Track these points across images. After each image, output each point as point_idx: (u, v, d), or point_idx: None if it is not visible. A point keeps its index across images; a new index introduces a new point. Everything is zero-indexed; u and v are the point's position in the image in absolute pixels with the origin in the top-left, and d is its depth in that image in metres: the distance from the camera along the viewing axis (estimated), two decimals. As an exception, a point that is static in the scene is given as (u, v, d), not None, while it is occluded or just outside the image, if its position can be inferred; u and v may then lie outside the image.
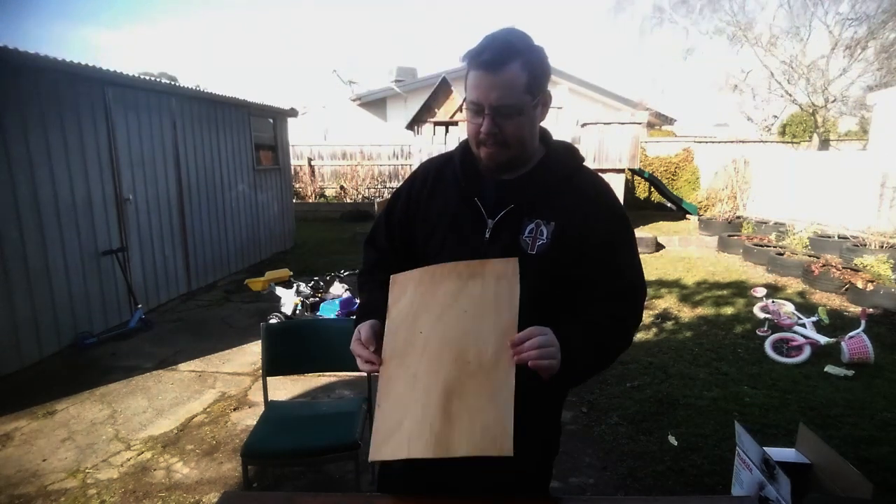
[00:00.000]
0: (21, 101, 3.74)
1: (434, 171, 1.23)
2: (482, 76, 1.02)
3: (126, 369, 3.81)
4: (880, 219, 7.29)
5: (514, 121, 1.04)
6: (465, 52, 1.05)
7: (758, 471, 1.80)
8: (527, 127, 1.08)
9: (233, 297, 5.77)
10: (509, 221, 1.10)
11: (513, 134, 1.05)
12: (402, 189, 1.27)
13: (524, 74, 1.02)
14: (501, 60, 1.00)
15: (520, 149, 1.09)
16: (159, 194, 5.34)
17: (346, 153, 13.14)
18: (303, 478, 2.55)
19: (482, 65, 1.01)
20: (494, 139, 1.05)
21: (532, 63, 1.03)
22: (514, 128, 1.05)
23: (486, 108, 1.03)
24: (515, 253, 1.06)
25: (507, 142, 1.06)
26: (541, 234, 1.09)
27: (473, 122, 1.07)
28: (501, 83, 1.01)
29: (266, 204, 7.72)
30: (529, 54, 1.03)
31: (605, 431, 2.94)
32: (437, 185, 1.20)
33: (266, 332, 2.29)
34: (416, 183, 1.23)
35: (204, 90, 6.22)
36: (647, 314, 5.00)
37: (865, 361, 3.66)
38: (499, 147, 1.06)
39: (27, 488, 2.46)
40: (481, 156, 1.10)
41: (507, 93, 1.01)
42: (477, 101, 1.03)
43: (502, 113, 1.03)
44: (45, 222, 3.94)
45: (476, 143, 1.09)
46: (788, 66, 12.61)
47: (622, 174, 8.85)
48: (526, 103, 1.04)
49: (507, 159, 1.09)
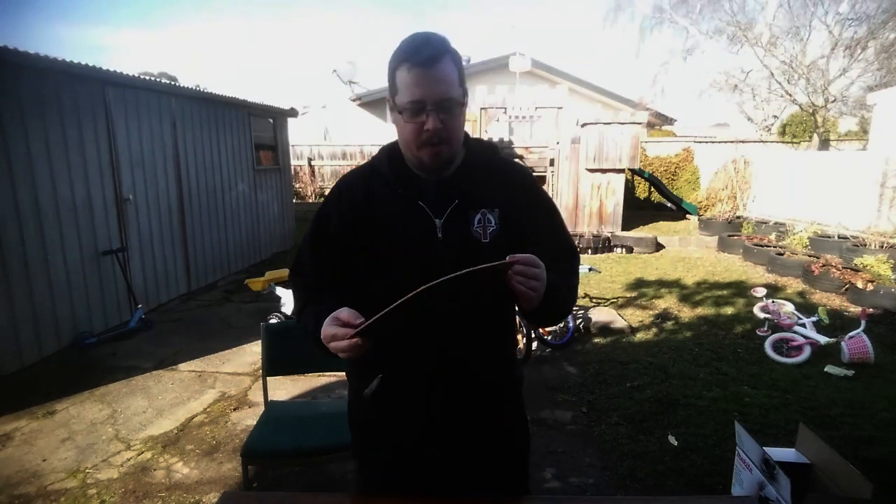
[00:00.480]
0: (21, 101, 3.74)
1: (362, 183, 1.18)
2: (422, 73, 1.02)
3: (126, 369, 3.81)
4: (880, 219, 7.29)
5: (456, 115, 1.07)
6: (393, 56, 1.06)
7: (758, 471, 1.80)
8: (462, 122, 1.11)
9: (233, 297, 5.77)
10: (457, 217, 1.12)
11: (455, 129, 1.08)
12: (329, 207, 1.19)
13: (455, 69, 1.06)
14: (437, 56, 1.03)
15: (458, 144, 1.12)
16: (159, 194, 5.34)
17: (346, 153, 13.14)
18: (303, 478, 2.55)
19: (422, 62, 1.02)
20: (440, 136, 1.05)
21: (456, 59, 1.08)
22: (456, 122, 1.07)
23: (428, 105, 1.03)
24: (470, 245, 1.11)
25: (451, 138, 1.07)
26: (489, 222, 1.13)
27: (413, 122, 1.05)
28: (441, 78, 1.03)
29: (266, 204, 7.72)
30: (453, 51, 1.07)
31: (605, 431, 2.94)
32: (370, 197, 1.16)
33: (266, 332, 2.29)
34: (344, 200, 1.17)
35: (204, 90, 6.22)
36: (648, 314, 5.01)
37: (865, 361, 3.66)
38: (443, 144, 1.07)
39: (27, 488, 2.46)
40: (424, 158, 1.08)
41: (447, 87, 1.04)
42: (420, 98, 1.03)
43: (445, 108, 1.04)
44: (45, 222, 3.94)
45: (417, 145, 1.07)
46: (788, 66, 12.60)
47: (622, 174, 8.85)
48: (461, 97, 1.07)
49: (450, 156, 1.11)
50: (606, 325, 4.57)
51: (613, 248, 8.12)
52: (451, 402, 1.14)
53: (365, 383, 1.15)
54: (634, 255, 7.91)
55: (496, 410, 1.21)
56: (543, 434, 2.93)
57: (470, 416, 1.16)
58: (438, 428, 1.16)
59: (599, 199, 8.86)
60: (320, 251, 1.20)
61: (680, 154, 11.92)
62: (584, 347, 4.19)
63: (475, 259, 1.08)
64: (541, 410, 3.19)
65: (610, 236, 8.25)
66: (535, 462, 2.66)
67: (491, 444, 1.20)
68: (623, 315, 4.90)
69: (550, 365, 3.86)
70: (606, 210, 8.86)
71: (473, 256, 1.09)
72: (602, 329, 4.54)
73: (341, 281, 1.16)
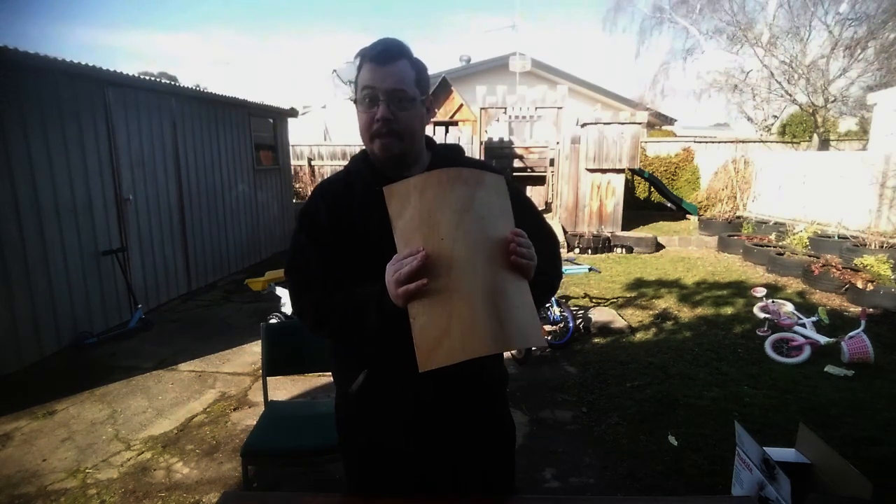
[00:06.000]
0: (21, 101, 3.74)
1: (342, 188, 1.20)
2: (376, 67, 1.09)
3: (126, 369, 3.81)
4: (880, 219, 7.29)
5: (407, 111, 1.10)
6: (357, 51, 1.13)
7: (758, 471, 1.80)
8: (417, 120, 1.14)
9: (233, 297, 5.77)
10: None
11: (405, 123, 1.10)
12: (312, 209, 1.19)
13: (412, 71, 1.12)
14: (392, 55, 1.10)
15: (411, 142, 1.14)
16: (159, 194, 5.34)
17: (346, 153, 13.12)
18: (303, 478, 2.55)
19: (376, 57, 1.09)
20: (389, 127, 1.09)
21: (418, 65, 1.14)
22: (406, 117, 1.10)
23: (380, 95, 1.08)
24: None
25: (401, 132, 1.10)
26: None
27: (368, 112, 1.10)
28: (394, 72, 1.09)
29: (266, 204, 7.72)
30: (414, 58, 1.14)
31: (605, 431, 2.94)
32: (351, 201, 1.17)
33: (266, 332, 2.29)
34: (328, 200, 1.18)
35: (204, 90, 6.23)
36: (648, 314, 5.01)
37: (865, 361, 3.66)
38: (393, 138, 1.10)
39: (27, 488, 2.46)
40: (375, 149, 1.13)
41: (400, 80, 1.09)
42: (371, 85, 1.08)
43: (396, 99, 1.08)
44: (45, 222, 3.94)
45: (370, 136, 1.12)
46: (788, 66, 12.60)
47: (622, 174, 8.85)
48: (416, 95, 1.11)
49: (400, 151, 1.12)
50: (606, 325, 4.57)
51: (613, 248, 8.12)
52: (438, 400, 1.15)
53: (350, 382, 1.16)
54: (634, 255, 7.91)
55: (482, 408, 1.22)
56: (543, 434, 2.93)
57: (456, 413, 1.17)
58: (424, 425, 1.16)
59: (599, 199, 8.85)
60: (322, 250, 1.18)
61: (680, 154, 11.92)
62: (584, 347, 4.19)
63: None
64: (541, 410, 3.19)
65: (610, 236, 8.25)
66: (535, 462, 2.66)
67: (476, 441, 1.22)
68: (623, 315, 4.90)
69: (550, 365, 3.86)
70: (606, 210, 8.86)
71: None
72: (602, 329, 4.54)
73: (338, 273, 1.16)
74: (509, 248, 0.97)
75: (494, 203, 1.02)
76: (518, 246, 0.97)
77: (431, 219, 0.98)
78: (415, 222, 0.98)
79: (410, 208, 0.99)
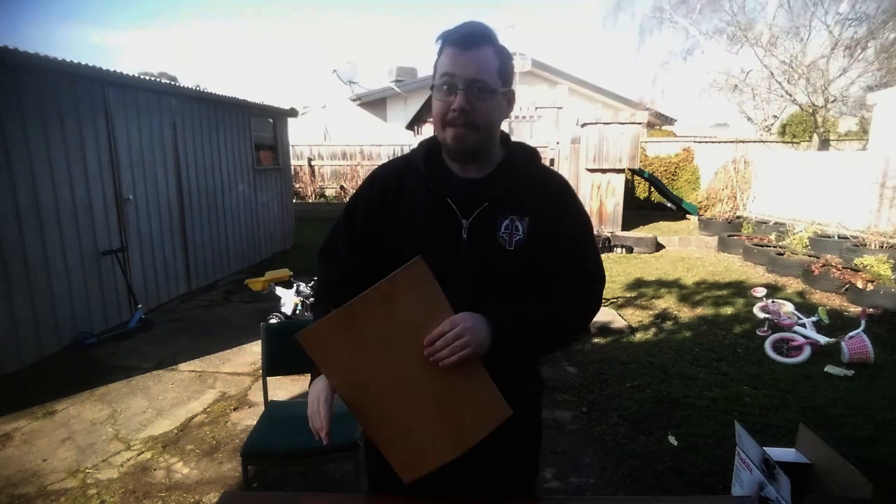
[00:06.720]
0: (21, 101, 3.73)
1: (396, 176, 1.17)
2: (458, 52, 1.02)
3: (126, 369, 3.81)
4: (880, 219, 7.29)
5: (486, 102, 1.04)
6: (439, 34, 1.05)
7: (758, 471, 1.80)
8: (496, 113, 1.07)
9: (233, 297, 5.77)
10: (484, 219, 1.09)
11: (483, 115, 1.04)
12: (359, 197, 1.20)
13: (496, 59, 1.04)
14: (477, 40, 1.02)
15: (486, 135, 1.08)
16: (159, 194, 5.34)
17: (346, 153, 13.13)
18: (303, 478, 2.55)
19: (459, 41, 1.02)
20: (465, 118, 1.03)
21: (502, 53, 1.06)
22: (485, 109, 1.04)
23: (460, 84, 1.01)
24: (494, 250, 1.08)
25: (477, 123, 1.04)
26: (517, 230, 1.09)
27: (444, 100, 1.04)
28: (477, 60, 1.02)
29: (266, 204, 7.72)
30: (500, 45, 1.06)
31: (605, 431, 2.94)
32: (402, 190, 1.15)
33: (266, 332, 2.29)
34: (376, 189, 1.17)
35: (204, 90, 6.22)
36: (647, 314, 5.01)
37: (865, 361, 3.67)
38: (468, 128, 1.04)
39: (27, 488, 2.46)
40: (448, 138, 1.06)
41: (482, 70, 1.02)
42: (451, 72, 1.02)
43: (476, 89, 1.02)
44: (45, 222, 3.94)
45: (443, 125, 1.06)
46: (788, 66, 12.59)
47: (622, 174, 8.85)
48: (497, 87, 1.05)
49: (473, 144, 1.06)
50: (606, 325, 4.57)
51: (613, 248, 8.12)
52: None
53: None
54: (634, 255, 7.91)
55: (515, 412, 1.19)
56: (544, 434, 2.91)
57: None
58: None
59: (599, 199, 8.85)
60: (354, 238, 1.20)
61: (680, 154, 11.92)
62: (584, 347, 4.18)
63: (497, 266, 1.08)
64: (541, 410, 3.18)
65: (610, 236, 8.25)
66: (535, 462, 2.66)
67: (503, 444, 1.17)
68: (623, 315, 4.90)
69: (550, 365, 3.86)
70: (606, 210, 8.86)
71: (495, 263, 1.08)
72: (602, 329, 4.53)
73: (371, 268, 1.13)
74: (429, 360, 0.96)
75: (415, 301, 0.98)
76: (435, 352, 0.95)
77: (360, 354, 1.00)
78: (345, 366, 1.02)
79: (336, 352, 1.01)
